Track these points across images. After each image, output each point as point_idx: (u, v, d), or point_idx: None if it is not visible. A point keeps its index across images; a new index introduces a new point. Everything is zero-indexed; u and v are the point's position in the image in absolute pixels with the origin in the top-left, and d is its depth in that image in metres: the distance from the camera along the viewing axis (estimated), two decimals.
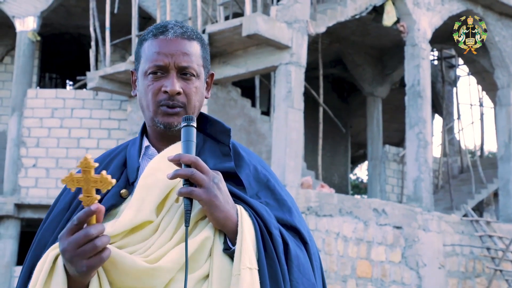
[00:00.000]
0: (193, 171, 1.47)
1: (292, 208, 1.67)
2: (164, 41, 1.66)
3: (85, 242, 1.38)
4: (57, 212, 1.65)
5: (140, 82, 1.70)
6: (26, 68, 13.65)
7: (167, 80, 1.64)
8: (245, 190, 1.62)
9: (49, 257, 1.46)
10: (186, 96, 1.66)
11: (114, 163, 1.70)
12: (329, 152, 17.69)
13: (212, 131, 1.70)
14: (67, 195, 1.67)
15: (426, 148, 11.86)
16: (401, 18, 12.40)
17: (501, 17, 13.82)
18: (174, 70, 1.65)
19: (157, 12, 12.35)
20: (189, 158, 1.48)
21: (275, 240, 1.54)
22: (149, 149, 1.71)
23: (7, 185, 13.05)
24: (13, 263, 12.86)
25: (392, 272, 10.65)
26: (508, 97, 13.84)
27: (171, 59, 1.64)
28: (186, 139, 1.53)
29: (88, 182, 1.38)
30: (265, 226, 1.55)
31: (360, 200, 10.86)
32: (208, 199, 1.48)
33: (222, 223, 1.51)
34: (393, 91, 16.77)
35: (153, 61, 1.65)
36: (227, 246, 1.52)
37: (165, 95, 1.64)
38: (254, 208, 1.57)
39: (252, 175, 1.68)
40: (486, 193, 15.98)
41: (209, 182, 1.49)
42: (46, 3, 13.73)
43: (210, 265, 1.50)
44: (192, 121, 1.54)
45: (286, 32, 10.42)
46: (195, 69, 1.67)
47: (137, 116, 12.70)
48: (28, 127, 13.21)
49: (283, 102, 10.38)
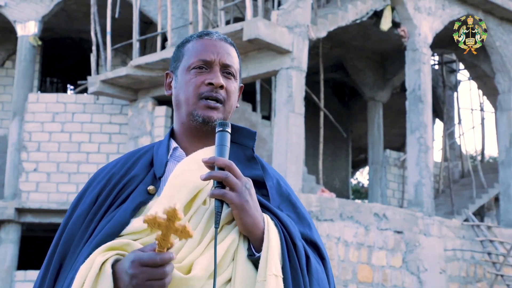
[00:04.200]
0: (228, 174, 1.50)
1: (311, 224, 1.71)
2: (209, 41, 1.74)
3: (157, 279, 1.40)
4: (84, 207, 1.65)
5: (181, 78, 1.73)
6: (27, 73, 13.66)
7: (211, 74, 1.70)
8: (269, 200, 1.65)
9: (95, 263, 1.47)
10: (227, 92, 1.71)
11: (141, 162, 1.72)
12: (330, 156, 17.69)
13: (238, 138, 1.72)
14: (92, 192, 1.68)
15: (427, 153, 11.86)
16: (402, 23, 12.41)
17: (502, 22, 13.83)
18: (218, 66, 1.71)
19: (158, 16, 12.37)
20: (223, 161, 1.52)
21: (299, 252, 1.57)
22: (176, 151, 1.73)
23: (8, 190, 13.04)
24: (14, 267, 12.84)
25: (393, 276, 10.64)
26: (509, 102, 13.84)
27: (217, 56, 1.71)
28: (220, 143, 1.57)
29: (168, 229, 1.39)
30: (290, 237, 1.57)
31: (361, 204, 10.85)
32: (239, 203, 1.51)
33: (250, 229, 1.53)
34: (394, 95, 16.77)
35: (199, 56, 1.71)
36: (251, 252, 1.54)
37: (208, 87, 1.69)
38: (280, 218, 1.60)
39: (275, 187, 1.71)
40: (487, 198, 15.96)
41: (241, 187, 1.52)
42: (47, 7, 13.75)
43: (233, 269, 1.52)
44: (227, 126, 1.59)
45: (287, 37, 10.43)
46: (236, 70, 1.74)
47: (138, 120, 12.70)
48: (29, 131, 13.22)
49: (284, 107, 10.38)
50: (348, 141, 18.35)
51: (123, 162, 1.74)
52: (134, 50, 12.37)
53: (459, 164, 17.75)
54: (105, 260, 1.47)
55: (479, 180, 16.13)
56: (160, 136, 12.30)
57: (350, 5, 11.63)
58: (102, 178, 1.70)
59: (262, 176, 1.67)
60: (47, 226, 14.09)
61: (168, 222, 1.38)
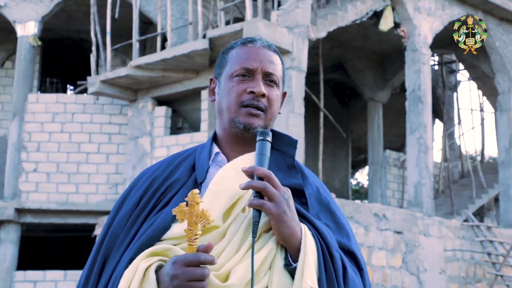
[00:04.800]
0: (266, 185, 1.52)
1: (350, 234, 1.72)
2: (253, 48, 1.76)
3: (198, 279, 1.44)
4: (127, 209, 1.70)
5: (223, 85, 1.76)
6: (27, 73, 13.66)
7: (253, 82, 1.72)
8: (308, 208, 1.67)
9: (139, 269, 1.51)
10: (269, 100, 1.72)
11: (183, 166, 1.74)
12: (329, 157, 17.68)
13: (279, 145, 1.74)
14: (135, 194, 1.72)
15: (427, 153, 11.86)
16: (401, 23, 12.41)
17: (502, 22, 13.83)
18: (260, 74, 1.73)
19: (158, 17, 12.37)
20: (263, 171, 1.54)
21: (335, 263, 1.58)
22: (218, 156, 1.76)
23: (8, 190, 13.04)
24: (14, 267, 12.83)
25: (393, 277, 10.64)
26: (508, 102, 13.84)
27: (259, 64, 1.73)
28: (261, 152, 1.59)
29: (191, 216, 1.46)
30: (327, 248, 1.58)
31: (360, 205, 10.85)
32: (277, 213, 1.52)
33: (287, 239, 1.55)
34: (393, 96, 16.77)
35: (241, 64, 1.74)
36: (287, 262, 1.56)
37: (249, 95, 1.71)
38: (317, 228, 1.61)
39: (315, 195, 1.72)
40: (487, 198, 15.96)
41: (280, 197, 1.53)
42: (47, 8, 13.75)
43: (269, 278, 1.54)
44: (267, 135, 1.61)
45: (286, 37, 10.43)
46: (278, 78, 1.76)
47: (138, 120, 12.71)
48: (29, 131, 13.21)
49: (284, 107, 10.38)
50: (348, 142, 18.34)
51: (166, 165, 1.77)
52: (134, 50, 12.37)
53: (459, 165, 17.75)
54: (149, 266, 1.51)
55: (479, 180, 16.13)
56: (159, 137, 12.31)
57: (350, 5, 11.63)
58: (146, 180, 1.74)
59: (301, 185, 1.68)
60: (46, 226, 14.08)
61: (190, 208, 1.45)
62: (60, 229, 14.67)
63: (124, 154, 12.96)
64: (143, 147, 12.47)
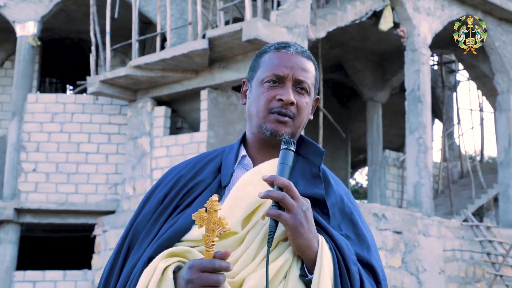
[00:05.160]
0: (285, 196, 1.53)
1: (371, 246, 1.71)
2: (285, 55, 1.75)
3: (212, 285, 1.46)
4: (152, 205, 1.72)
5: (254, 90, 1.77)
6: (26, 73, 13.65)
7: (283, 90, 1.72)
8: (329, 219, 1.66)
9: (158, 268, 1.53)
10: (298, 108, 1.73)
11: (210, 167, 1.76)
12: (329, 157, 17.69)
13: (305, 153, 1.75)
14: (160, 191, 1.75)
15: (426, 153, 11.86)
16: (401, 23, 12.41)
17: (501, 22, 13.84)
18: (291, 82, 1.73)
19: (157, 17, 12.37)
20: (282, 181, 1.54)
21: (352, 277, 1.57)
22: (245, 159, 1.77)
23: (7, 190, 13.03)
24: (13, 268, 12.83)
25: (392, 277, 10.64)
26: (508, 102, 13.85)
27: (290, 71, 1.72)
28: (283, 162, 1.60)
29: (209, 223, 1.48)
30: (343, 261, 1.58)
31: (360, 205, 10.85)
32: (293, 225, 1.53)
33: (303, 250, 1.55)
34: (393, 96, 16.77)
35: (272, 70, 1.73)
36: (303, 272, 1.56)
37: (278, 103, 1.71)
38: (335, 241, 1.61)
39: (338, 205, 1.72)
40: (486, 198, 15.96)
41: (297, 209, 1.53)
42: (46, 8, 13.75)
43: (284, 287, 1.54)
44: (292, 145, 1.62)
45: (286, 37, 10.43)
46: (309, 86, 1.76)
47: (137, 121, 12.70)
48: (28, 131, 13.21)
49: None
50: (347, 142, 18.35)
51: (192, 165, 1.79)
52: (133, 50, 12.37)
53: (458, 165, 17.75)
54: (167, 266, 1.53)
55: (478, 180, 16.13)
56: (159, 137, 12.30)
57: (349, 5, 11.63)
58: (172, 179, 1.76)
59: (323, 196, 1.68)
60: (46, 226, 14.08)
61: (209, 214, 1.47)
62: (59, 229, 14.67)
63: (123, 154, 12.95)
64: (143, 147, 12.46)
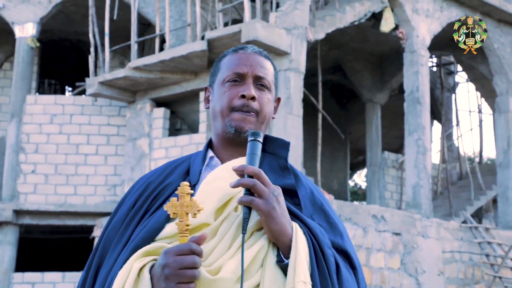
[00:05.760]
0: (256, 182, 1.54)
1: (343, 234, 1.73)
2: (244, 54, 1.83)
3: (189, 267, 1.46)
4: (123, 212, 1.74)
5: (216, 91, 1.82)
6: (25, 74, 13.65)
7: (244, 86, 1.77)
8: (301, 209, 1.68)
9: (133, 269, 1.53)
10: (260, 104, 1.77)
11: (178, 171, 1.78)
12: (328, 158, 17.68)
13: (271, 148, 1.77)
14: (130, 199, 1.77)
15: (425, 155, 11.86)
16: (400, 25, 12.42)
17: (500, 24, 13.85)
18: (251, 78, 1.78)
19: (156, 18, 12.37)
20: (252, 169, 1.56)
21: (327, 260, 1.59)
22: (213, 160, 1.79)
23: (6, 191, 13.02)
24: (12, 269, 12.82)
25: (391, 278, 10.63)
26: (507, 103, 13.85)
27: (250, 69, 1.79)
28: (251, 152, 1.62)
29: (182, 207, 1.51)
30: (318, 245, 1.60)
31: (359, 206, 10.85)
32: (266, 210, 1.54)
33: (277, 236, 1.56)
34: (392, 97, 16.77)
35: (232, 70, 1.79)
36: (280, 258, 1.57)
37: (241, 100, 1.75)
38: (309, 226, 1.63)
39: (308, 197, 1.75)
40: (485, 200, 15.97)
41: (269, 194, 1.55)
42: (45, 9, 13.75)
43: (261, 275, 1.55)
44: (258, 136, 1.64)
45: (285, 39, 10.43)
46: (269, 82, 1.81)
47: (136, 122, 12.70)
48: (27, 133, 13.20)
49: (282, 109, 10.38)
50: (346, 143, 18.35)
51: (161, 171, 1.81)
52: (132, 51, 12.37)
53: (457, 166, 17.75)
54: (143, 266, 1.53)
55: (477, 182, 16.13)
56: (158, 138, 12.30)
57: (348, 7, 11.64)
58: (140, 186, 1.78)
59: (294, 185, 1.70)
60: (45, 228, 14.07)
61: (180, 200, 1.51)
62: (58, 230, 14.66)
63: (122, 156, 12.95)
64: (142, 148, 12.46)
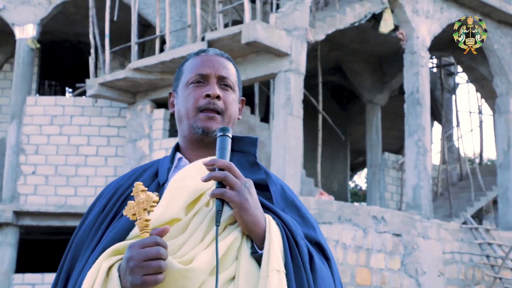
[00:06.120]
0: (227, 174, 1.55)
1: (315, 226, 1.74)
2: (205, 56, 1.84)
3: (153, 258, 1.45)
4: (92, 216, 1.74)
5: (181, 94, 1.82)
6: (25, 76, 13.66)
7: (208, 86, 1.78)
8: (273, 203, 1.69)
9: (102, 268, 1.52)
10: (225, 103, 1.78)
11: (147, 173, 1.79)
12: (328, 159, 17.68)
13: (239, 147, 1.77)
14: (99, 204, 1.76)
15: (425, 156, 11.86)
16: (400, 26, 12.42)
17: (500, 25, 13.85)
18: (214, 78, 1.79)
19: (157, 19, 12.38)
20: (223, 162, 1.57)
21: (301, 250, 1.60)
22: (181, 161, 1.80)
23: (6, 193, 13.03)
24: (12, 270, 12.82)
25: (392, 279, 10.63)
26: (507, 104, 13.86)
27: (212, 70, 1.80)
28: (221, 146, 1.63)
29: (138, 205, 1.51)
30: (292, 236, 1.61)
31: (359, 207, 10.85)
32: (239, 201, 1.55)
33: (251, 227, 1.57)
34: (392, 98, 16.77)
35: (195, 71, 1.80)
36: (254, 250, 1.57)
37: (205, 100, 1.76)
38: (282, 218, 1.64)
39: (279, 193, 1.76)
40: (485, 201, 15.96)
41: (241, 186, 1.56)
42: (45, 10, 13.75)
43: (236, 267, 1.55)
44: (228, 131, 1.64)
45: (285, 40, 10.44)
46: (233, 83, 1.82)
47: (136, 123, 12.70)
48: (27, 134, 13.21)
49: (282, 110, 10.38)
50: (346, 144, 18.35)
51: (129, 175, 1.82)
52: (132, 53, 12.38)
53: (458, 167, 17.75)
54: (112, 265, 1.52)
55: (477, 183, 16.13)
56: (158, 139, 12.30)
57: (348, 8, 11.64)
58: (110, 191, 1.78)
59: (265, 179, 1.71)
60: (45, 229, 14.07)
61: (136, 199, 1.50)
62: (58, 231, 14.65)
63: (122, 157, 12.95)
64: (142, 149, 12.46)
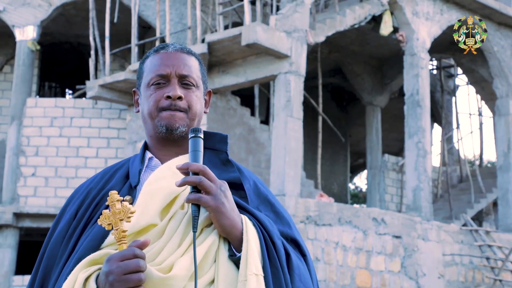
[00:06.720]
0: (202, 178, 1.52)
1: (290, 222, 1.73)
2: (165, 54, 1.77)
3: (133, 271, 1.43)
4: (64, 223, 1.69)
5: (143, 95, 1.78)
6: (25, 77, 13.66)
7: (169, 87, 1.73)
8: (247, 201, 1.67)
9: (79, 279, 1.49)
10: (188, 102, 1.73)
11: (118, 175, 1.74)
12: (328, 161, 17.68)
13: (210, 144, 1.74)
14: (71, 208, 1.71)
15: (425, 158, 11.86)
16: (400, 28, 12.43)
17: (500, 27, 13.85)
18: (175, 78, 1.74)
19: (157, 21, 12.38)
20: (197, 166, 1.54)
21: (278, 250, 1.59)
22: (152, 161, 1.76)
23: (6, 194, 13.03)
24: (12, 272, 12.82)
25: (392, 281, 10.63)
26: (507, 106, 13.86)
27: (172, 69, 1.74)
28: (194, 149, 1.58)
29: (114, 215, 1.48)
30: (269, 236, 1.60)
31: (359, 209, 10.84)
32: (215, 205, 1.52)
33: (228, 230, 1.55)
34: (392, 100, 16.78)
35: (155, 72, 1.75)
36: (232, 252, 1.56)
37: (167, 101, 1.72)
38: (258, 218, 1.62)
39: (252, 189, 1.73)
40: (486, 203, 15.96)
41: (216, 190, 1.53)
42: (46, 12, 13.76)
43: (215, 270, 1.54)
44: (199, 132, 1.60)
45: (285, 42, 10.44)
46: (195, 79, 1.76)
47: (136, 125, 12.71)
48: (27, 136, 13.21)
49: (282, 111, 10.38)
50: (346, 146, 18.35)
51: (100, 177, 1.77)
52: (132, 54, 12.38)
53: (458, 169, 17.75)
54: (89, 276, 1.49)
55: (477, 185, 16.13)
56: None
57: (348, 10, 11.65)
58: (81, 194, 1.73)
59: (239, 178, 1.69)
60: (45, 231, 14.05)
61: (112, 209, 1.47)
62: None
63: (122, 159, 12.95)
64: None
